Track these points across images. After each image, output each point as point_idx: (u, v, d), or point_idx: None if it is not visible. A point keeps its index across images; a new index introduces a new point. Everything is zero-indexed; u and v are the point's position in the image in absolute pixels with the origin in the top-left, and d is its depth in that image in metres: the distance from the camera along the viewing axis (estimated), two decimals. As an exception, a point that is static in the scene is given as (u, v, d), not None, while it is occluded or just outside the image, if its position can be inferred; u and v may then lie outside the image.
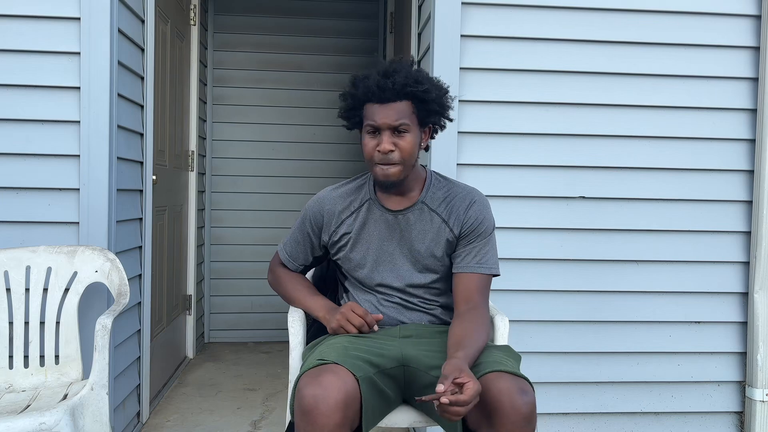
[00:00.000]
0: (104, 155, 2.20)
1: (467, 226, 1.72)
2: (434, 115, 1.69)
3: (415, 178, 1.74)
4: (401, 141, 1.63)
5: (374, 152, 1.64)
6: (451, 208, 1.73)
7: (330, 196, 1.80)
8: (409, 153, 1.64)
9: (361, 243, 1.76)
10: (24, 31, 2.19)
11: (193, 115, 3.68)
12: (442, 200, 1.74)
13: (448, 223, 1.72)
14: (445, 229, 1.72)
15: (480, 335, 1.57)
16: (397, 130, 1.62)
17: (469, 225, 1.72)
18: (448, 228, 1.72)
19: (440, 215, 1.73)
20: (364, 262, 1.76)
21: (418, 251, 1.73)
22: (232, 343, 4.21)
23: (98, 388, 1.78)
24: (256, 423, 2.78)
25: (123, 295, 1.98)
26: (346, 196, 1.79)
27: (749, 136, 2.54)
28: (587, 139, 2.49)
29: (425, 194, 1.74)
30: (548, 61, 2.46)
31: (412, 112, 1.64)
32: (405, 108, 1.63)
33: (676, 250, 2.54)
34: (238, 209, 4.22)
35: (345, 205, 1.78)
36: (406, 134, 1.63)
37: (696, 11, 2.50)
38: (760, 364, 2.51)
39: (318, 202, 1.80)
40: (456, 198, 1.74)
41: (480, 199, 1.75)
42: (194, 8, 3.65)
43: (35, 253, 2.07)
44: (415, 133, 1.65)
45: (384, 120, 1.62)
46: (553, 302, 2.50)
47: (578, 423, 2.55)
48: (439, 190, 1.76)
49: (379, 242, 1.75)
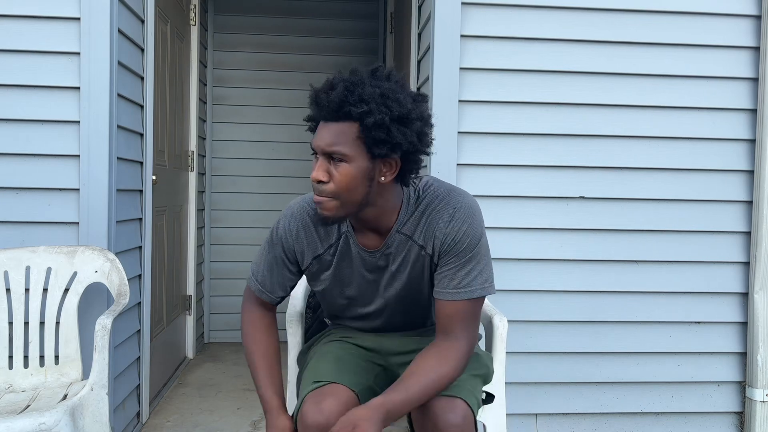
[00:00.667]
0: (104, 155, 2.20)
1: (446, 245, 1.43)
2: (382, 145, 1.32)
3: (385, 213, 1.44)
4: (336, 170, 1.33)
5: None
6: (428, 225, 1.44)
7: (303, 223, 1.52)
8: (345, 188, 1.33)
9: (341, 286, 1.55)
10: (24, 31, 2.19)
11: (192, 115, 3.68)
12: (417, 223, 1.45)
13: (426, 249, 1.45)
14: (425, 258, 1.46)
15: (432, 373, 1.37)
16: (332, 157, 1.33)
17: (448, 242, 1.42)
18: (427, 255, 1.45)
19: (417, 242, 1.45)
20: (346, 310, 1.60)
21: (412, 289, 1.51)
22: (232, 343, 4.21)
23: (98, 389, 1.78)
24: (255, 423, 2.77)
25: (123, 295, 1.98)
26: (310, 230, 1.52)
27: (749, 136, 2.54)
28: (587, 140, 2.49)
29: (400, 223, 1.45)
30: (548, 61, 2.46)
31: (357, 136, 1.32)
32: (346, 131, 1.32)
33: (676, 250, 2.54)
34: (237, 209, 4.22)
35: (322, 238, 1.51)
36: (342, 163, 1.33)
37: (696, 11, 2.50)
38: (760, 365, 2.51)
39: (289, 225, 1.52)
40: (434, 212, 1.44)
41: (461, 208, 1.43)
42: (194, 8, 3.65)
43: (35, 253, 2.07)
44: (358, 164, 1.33)
45: (318, 142, 1.34)
46: (552, 302, 2.50)
47: (578, 423, 2.54)
48: (418, 213, 1.46)
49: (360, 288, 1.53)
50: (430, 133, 1.39)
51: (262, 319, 1.60)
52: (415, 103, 1.36)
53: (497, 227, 2.45)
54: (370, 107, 1.30)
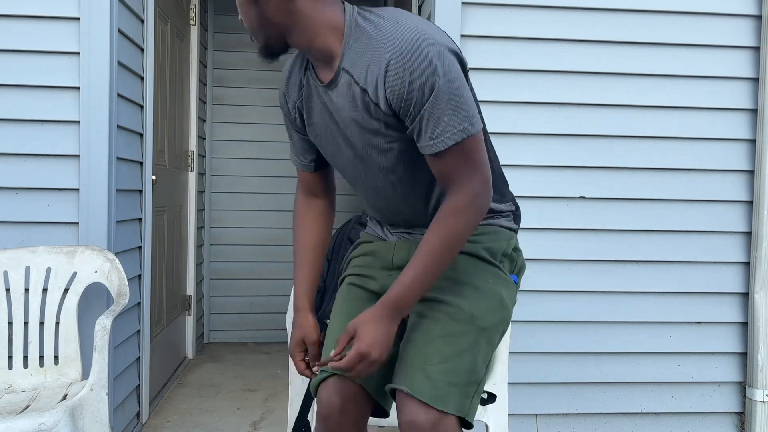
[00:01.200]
0: (104, 155, 2.20)
1: (395, 98, 1.21)
2: None
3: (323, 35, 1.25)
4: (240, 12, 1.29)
5: None
6: (368, 69, 1.23)
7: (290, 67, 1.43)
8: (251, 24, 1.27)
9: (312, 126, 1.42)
10: (24, 31, 2.18)
11: (192, 115, 3.68)
12: (361, 57, 1.24)
13: (371, 98, 1.24)
14: (370, 104, 1.25)
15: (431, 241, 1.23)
16: None
17: (396, 95, 1.20)
18: (372, 103, 1.25)
19: (359, 84, 1.25)
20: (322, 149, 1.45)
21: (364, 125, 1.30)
22: (232, 343, 4.21)
23: (98, 389, 1.78)
24: (255, 423, 2.77)
25: (122, 295, 1.98)
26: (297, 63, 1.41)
27: (750, 136, 2.54)
28: (588, 140, 2.49)
29: (344, 59, 1.25)
30: (549, 61, 2.46)
31: None
32: None
33: (676, 250, 2.54)
34: (237, 209, 4.22)
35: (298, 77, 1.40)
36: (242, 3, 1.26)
37: (697, 11, 2.50)
38: (761, 365, 2.51)
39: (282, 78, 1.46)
40: (374, 53, 1.21)
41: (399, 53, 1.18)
42: (194, 8, 3.65)
43: (35, 253, 2.06)
44: None
45: None
46: (553, 302, 2.50)
47: (578, 423, 2.54)
48: (357, 46, 1.25)
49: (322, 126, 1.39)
50: None
51: (307, 206, 1.54)
52: None
53: (497, 227, 2.45)
54: None
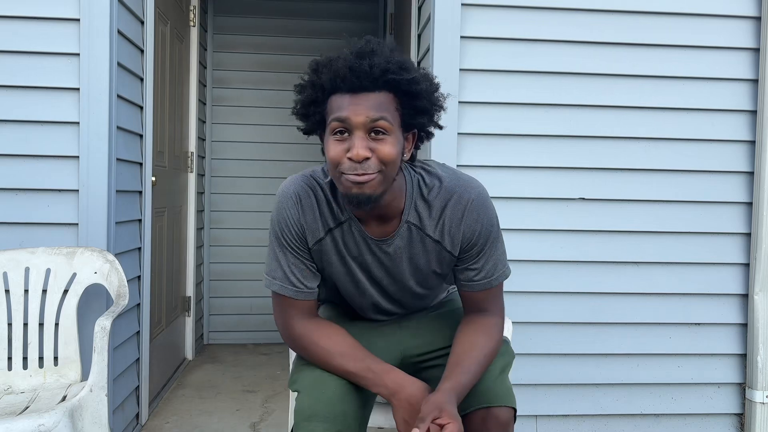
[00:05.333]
0: (104, 156, 2.20)
1: (466, 242, 1.40)
2: (423, 115, 1.29)
3: (395, 199, 1.36)
4: (380, 145, 1.24)
5: (343, 158, 1.24)
6: (443, 227, 1.39)
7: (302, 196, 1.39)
8: (392, 162, 1.25)
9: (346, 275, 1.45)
10: (24, 32, 2.18)
11: (192, 116, 3.68)
12: (428, 217, 1.39)
13: (443, 244, 1.40)
14: (442, 251, 1.42)
15: (486, 350, 1.39)
16: (374, 131, 1.23)
17: (468, 240, 1.39)
18: (445, 250, 1.41)
19: (432, 237, 1.40)
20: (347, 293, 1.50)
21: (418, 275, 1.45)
22: (232, 344, 4.21)
23: (97, 390, 1.77)
24: (255, 425, 2.77)
25: (122, 296, 1.98)
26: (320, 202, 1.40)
27: (749, 137, 2.54)
28: (587, 141, 2.49)
29: (408, 213, 1.38)
30: (548, 63, 2.46)
31: (395, 108, 1.26)
32: (385, 101, 1.24)
33: (676, 251, 2.53)
34: (237, 210, 4.22)
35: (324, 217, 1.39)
36: (386, 136, 1.24)
37: (696, 13, 2.50)
38: (760, 366, 2.51)
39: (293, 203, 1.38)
40: (446, 208, 1.38)
41: (474, 202, 1.38)
42: (194, 9, 3.65)
43: (34, 254, 2.06)
44: (398, 137, 1.26)
45: (357, 116, 1.22)
46: (552, 304, 2.50)
47: (578, 425, 2.54)
48: (423, 204, 1.39)
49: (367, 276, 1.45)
50: (444, 102, 1.35)
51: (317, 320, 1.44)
52: (427, 71, 1.34)
53: (497, 228, 2.45)
54: (414, 75, 1.25)
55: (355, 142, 1.22)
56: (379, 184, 1.25)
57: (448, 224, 1.38)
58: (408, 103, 1.27)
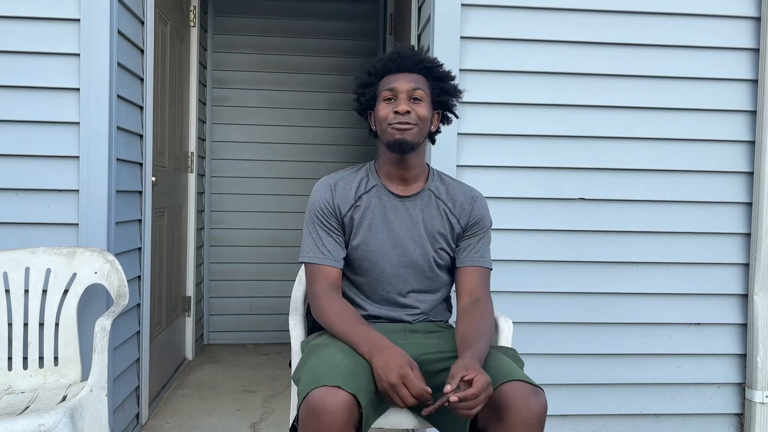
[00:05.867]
0: (104, 156, 2.20)
1: (473, 220, 1.75)
2: (447, 95, 1.72)
3: (420, 167, 1.74)
4: (417, 107, 1.65)
5: (390, 114, 1.65)
6: (455, 201, 1.75)
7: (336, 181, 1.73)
8: (425, 119, 1.66)
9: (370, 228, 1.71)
10: (24, 33, 2.19)
11: (192, 116, 3.68)
12: (445, 192, 1.76)
13: (454, 213, 1.74)
14: (452, 218, 1.74)
15: (486, 329, 1.60)
16: (413, 98, 1.66)
17: (474, 219, 1.75)
18: (455, 218, 1.74)
19: (446, 204, 1.75)
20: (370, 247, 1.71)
21: (428, 230, 1.72)
22: (232, 344, 4.21)
23: (97, 390, 1.78)
24: (255, 425, 2.77)
25: (122, 296, 1.98)
26: (353, 180, 1.74)
27: (749, 137, 2.54)
28: (587, 141, 2.49)
29: (430, 183, 1.75)
30: (548, 63, 2.46)
31: (428, 86, 1.69)
32: (421, 80, 1.68)
33: (676, 251, 2.54)
34: (237, 211, 4.22)
35: (355, 189, 1.73)
36: (421, 102, 1.66)
37: (696, 13, 2.50)
38: (760, 366, 2.51)
39: (326, 188, 1.72)
40: (458, 192, 1.77)
41: (481, 196, 1.79)
42: (194, 9, 3.65)
43: (34, 254, 2.07)
44: (429, 107, 1.68)
45: (402, 85, 1.66)
46: (552, 304, 2.50)
47: (577, 425, 2.54)
48: (441, 184, 1.77)
49: (386, 226, 1.71)
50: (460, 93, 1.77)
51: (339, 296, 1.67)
52: None
53: (497, 228, 2.45)
54: (441, 65, 1.72)
55: (401, 101, 1.65)
56: (415, 135, 1.65)
57: (459, 205, 1.75)
58: (436, 84, 1.70)
